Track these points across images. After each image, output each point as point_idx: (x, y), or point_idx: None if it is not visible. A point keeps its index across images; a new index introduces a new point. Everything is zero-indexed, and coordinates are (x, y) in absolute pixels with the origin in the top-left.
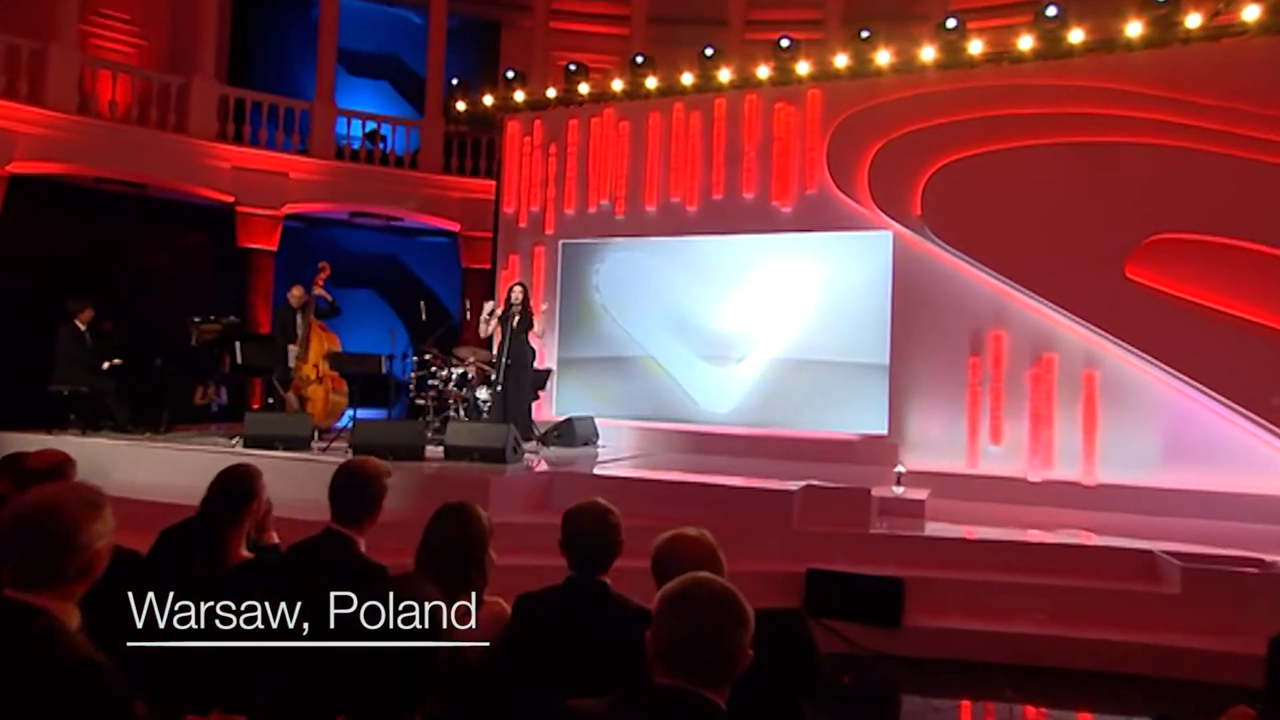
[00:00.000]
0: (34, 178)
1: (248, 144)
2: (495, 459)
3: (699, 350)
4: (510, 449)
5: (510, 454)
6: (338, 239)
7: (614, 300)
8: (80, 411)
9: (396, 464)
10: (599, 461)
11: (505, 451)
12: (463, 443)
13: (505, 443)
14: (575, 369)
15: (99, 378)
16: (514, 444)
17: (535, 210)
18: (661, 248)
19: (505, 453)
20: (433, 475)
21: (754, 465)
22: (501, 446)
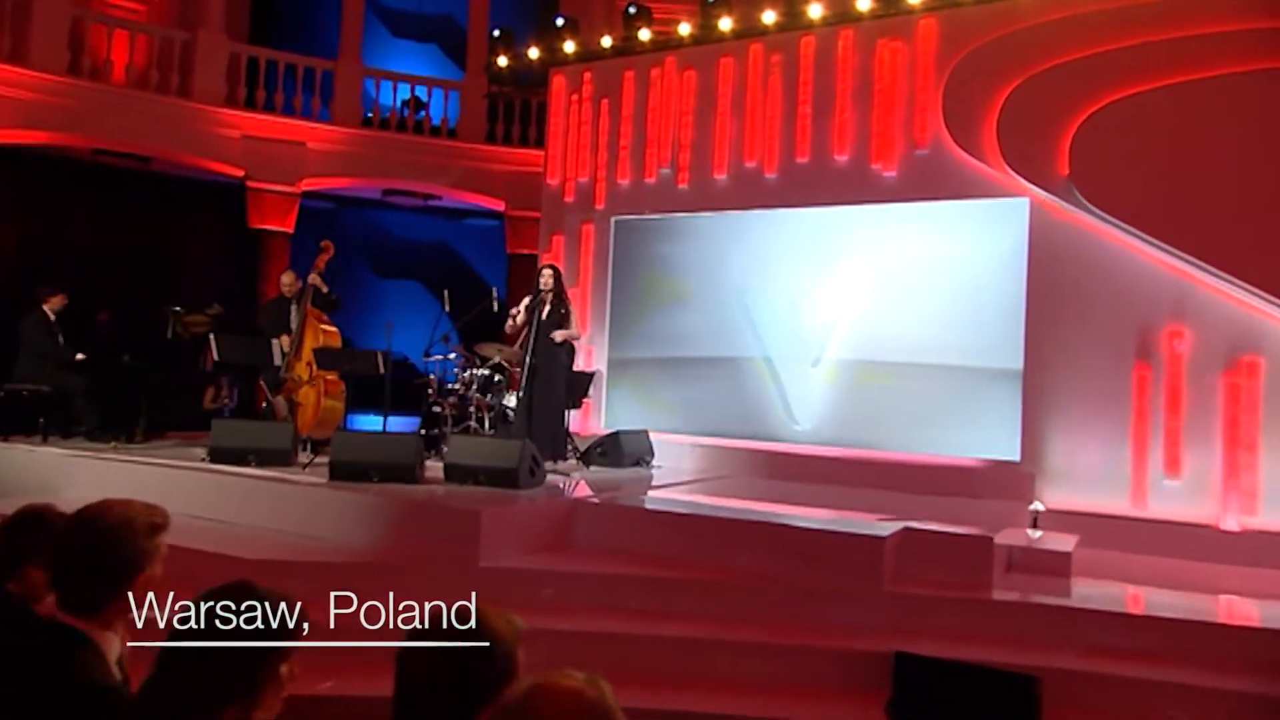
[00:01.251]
0: (17, 148)
1: (261, 109)
2: (505, 482)
3: (779, 351)
4: (526, 470)
5: (525, 477)
6: (377, 222)
7: (675, 289)
8: (45, 415)
9: (383, 486)
10: (651, 486)
11: (518, 473)
12: (465, 461)
13: (518, 462)
14: (628, 373)
15: (67, 376)
16: (531, 464)
17: (583, 181)
18: (733, 224)
19: (518, 475)
20: (409, 504)
21: (842, 497)
22: (513, 467)
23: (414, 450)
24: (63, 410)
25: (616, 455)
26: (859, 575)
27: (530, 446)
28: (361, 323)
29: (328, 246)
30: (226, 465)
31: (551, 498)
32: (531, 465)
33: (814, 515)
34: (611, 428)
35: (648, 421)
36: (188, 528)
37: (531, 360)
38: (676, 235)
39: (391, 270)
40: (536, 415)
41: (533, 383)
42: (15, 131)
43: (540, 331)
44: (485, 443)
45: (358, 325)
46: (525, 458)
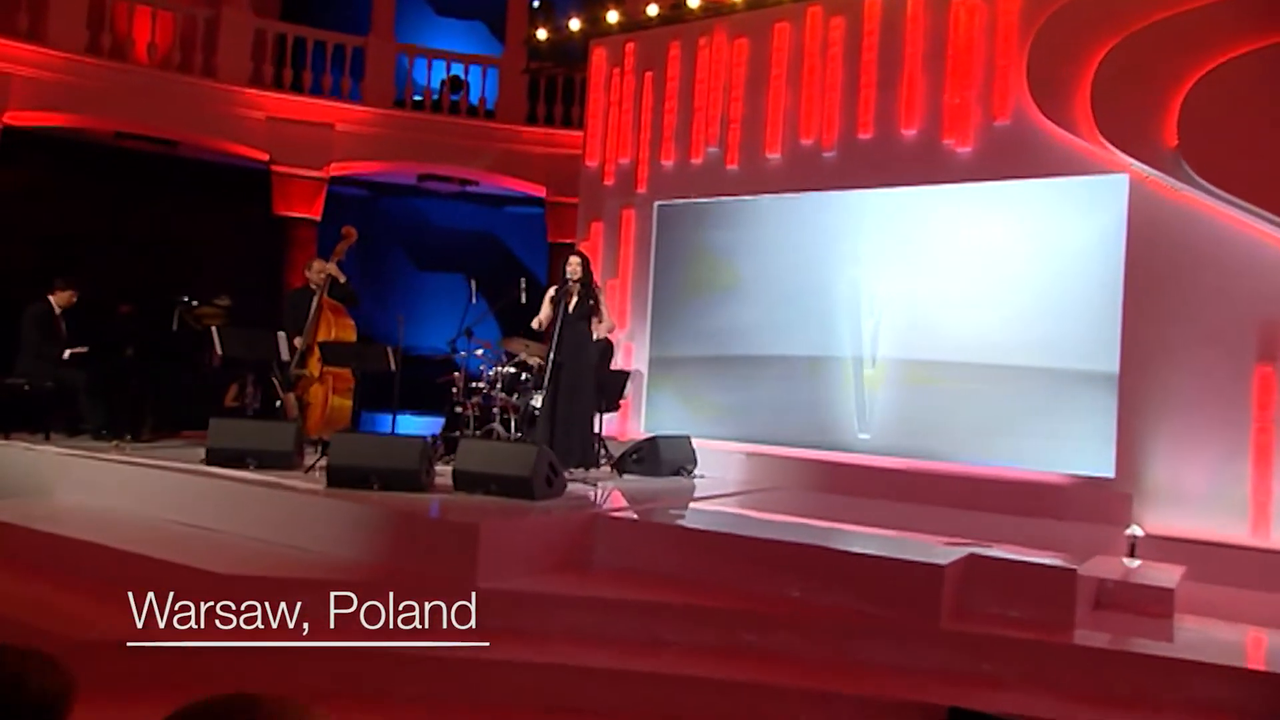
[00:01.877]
0: (36, 132)
1: (288, 89)
2: (519, 492)
3: (838, 349)
4: (542, 479)
5: (541, 486)
6: (414, 211)
7: (723, 281)
8: (51, 412)
9: (384, 495)
10: (692, 498)
11: (533, 482)
12: (474, 468)
13: (533, 470)
14: (671, 372)
15: (67, 371)
16: (548, 472)
17: (624, 163)
18: (788, 209)
19: (533, 484)
20: (403, 515)
21: (906, 515)
22: (527, 475)
23: (419, 455)
24: (67, 407)
25: (654, 463)
26: (912, 609)
27: (547, 453)
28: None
29: (349, 233)
30: (223, 468)
31: (572, 510)
32: (549, 473)
33: (869, 535)
34: (652, 433)
35: (692, 426)
36: (168, 534)
37: (556, 357)
38: (725, 221)
39: (431, 262)
40: (561, 418)
41: (558, 382)
42: (33, 113)
43: (566, 325)
44: (498, 448)
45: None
46: (541, 465)
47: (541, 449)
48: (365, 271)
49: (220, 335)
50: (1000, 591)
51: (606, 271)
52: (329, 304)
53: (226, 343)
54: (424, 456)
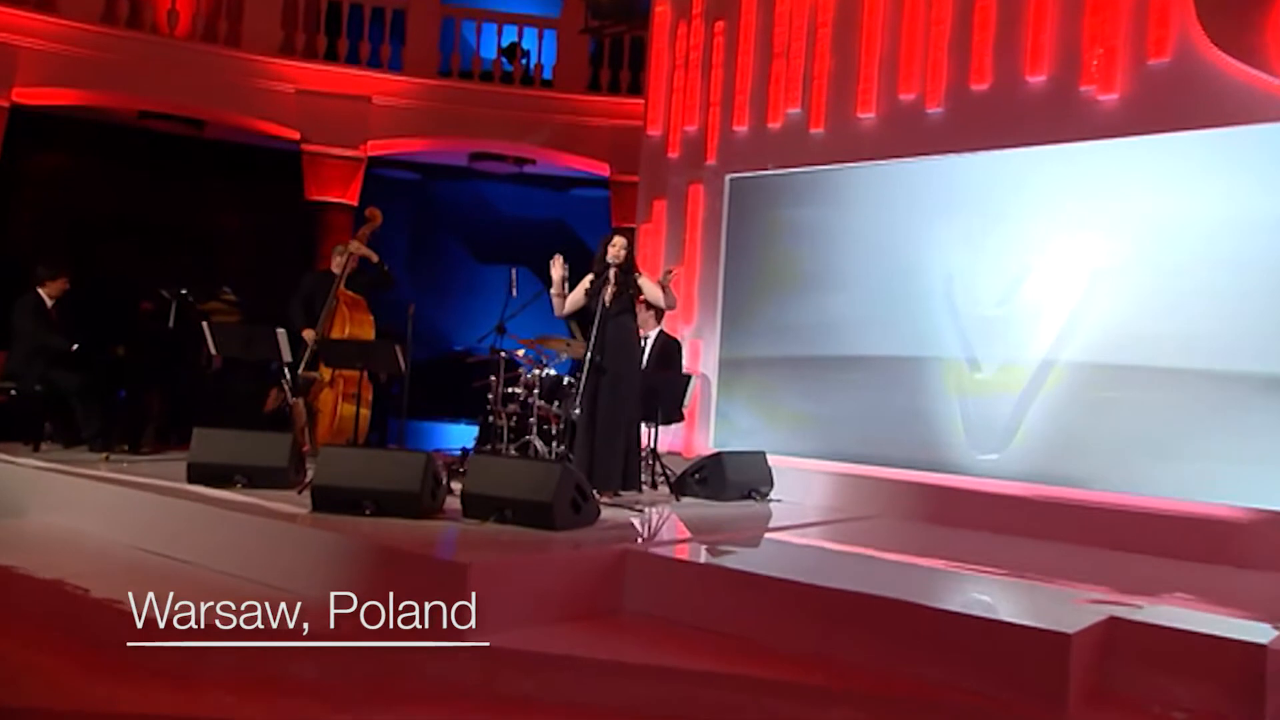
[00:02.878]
0: (55, 113)
1: (321, 58)
2: (537, 520)
3: (950, 349)
4: (567, 505)
5: (565, 513)
6: (474, 197)
7: (807, 267)
8: (49, 419)
9: (378, 522)
10: (765, 527)
11: (554, 509)
12: (486, 490)
13: (555, 494)
14: (745, 376)
15: (59, 373)
16: (575, 497)
17: (691, 131)
18: (885, 179)
19: (553, 510)
20: (380, 548)
21: (1035, 556)
22: (547, 500)
23: (420, 475)
24: (61, 414)
25: (719, 484)
26: (1030, 690)
27: (573, 473)
28: (460, 314)
29: (374, 215)
30: (207, 487)
31: (600, 543)
32: (577, 498)
33: (981, 583)
34: (720, 448)
35: (768, 441)
36: (125, 565)
37: (596, 357)
38: (809, 195)
39: (491, 253)
40: (601, 430)
41: (596, 387)
42: (43, 90)
43: (607, 320)
44: (514, 467)
45: (454, 318)
46: (566, 488)
47: (565, 469)
48: (416, 264)
49: (213, 332)
50: (1155, 669)
51: (670, 258)
52: (345, 296)
53: (220, 340)
54: (427, 476)
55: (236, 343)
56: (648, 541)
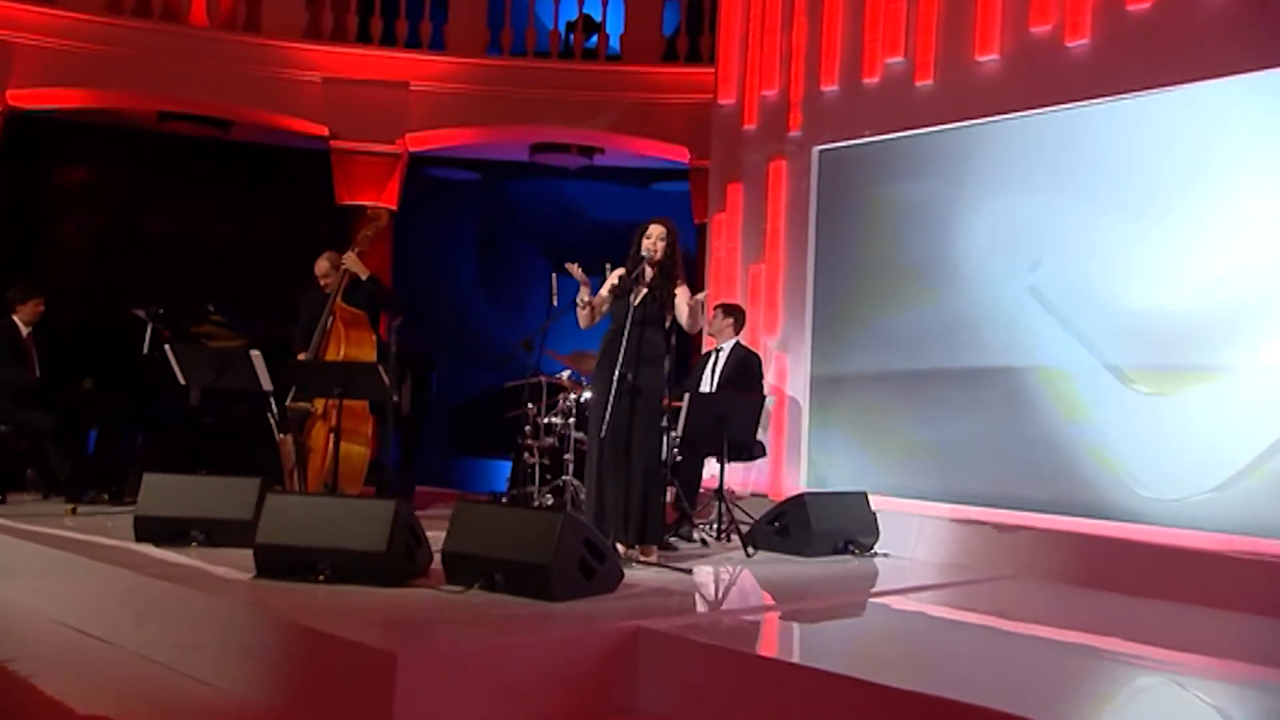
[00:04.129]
0: (55, 116)
1: (351, 40)
2: (533, 587)
3: (1106, 356)
4: (571, 567)
5: (568, 579)
6: (545, 196)
7: (918, 256)
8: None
9: (336, 591)
10: (868, 592)
11: (551, 573)
12: (472, 548)
13: (553, 554)
14: (841, 397)
15: (30, 411)
16: (584, 556)
17: (770, 96)
18: (1013, 139)
19: (551, 576)
20: (298, 630)
21: (1235, 636)
22: (544, 562)
23: (388, 530)
24: (34, 458)
25: (801, 535)
26: None
27: (582, 527)
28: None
29: (377, 215)
30: (157, 546)
31: (615, 619)
32: (587, 557)
33: (1160, 681)
34: (813, 488)
35: (874, 478)
36: (37, 649)
37: (625, 373)
38: (917, 166)
39: (570, 261)
40: (639, 463)
41: (631, 411)
42: (43, 91)
43: (635, 329)
44: (507, 518)
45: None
46: (570, 545)
47: (570, 520)
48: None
49: (177, 356)
50: None
51: (748, 255)
52: (344, 313)
53: (187, 365)
54: (399, 531)
55: (206, 368)
56: (667, 618)
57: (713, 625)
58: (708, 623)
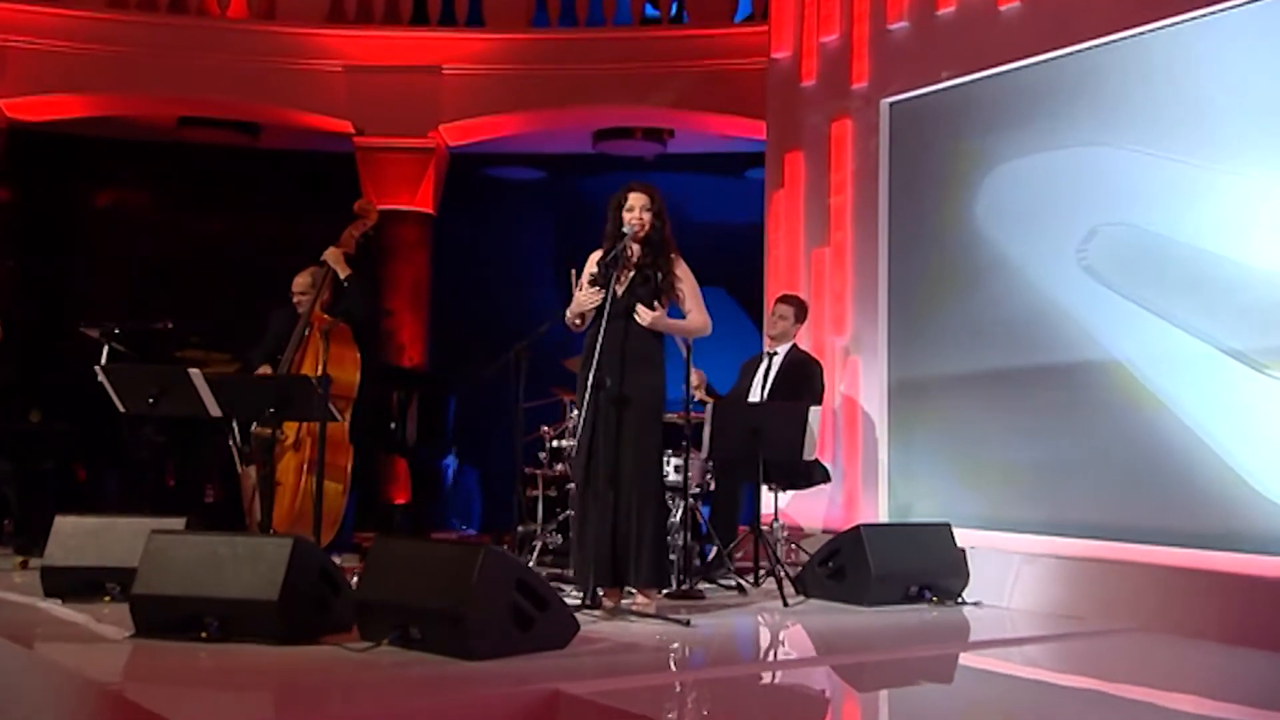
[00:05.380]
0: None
1: (378, 22)
2: (448, 642)
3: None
4: (501, 614)
5: (496, 631)
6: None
7: (1018, 228)
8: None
9: (222, 650)
10: (922, 649)
11: (467, 623)
12: (387, 594)
13: (467, 598)
14: (926, 405)
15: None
16: (518, 600)
17: (830, 43)
18: (1125, 65)
19: (466, 628)
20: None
21: None
22: (458, 611)
23: (281, 575)
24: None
25: (860, 578)
26: None
27: (504, 562)
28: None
29: (365, 210)
30: (65, 602)
31: (537, 680)
32: (521, 601)
33: None
34: (900, 519)
35: (966, 506)
36: None
37: (602, 377)
38: (1007, 113)
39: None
40: (625, 490)
41: (614, 423)
42: (49, 98)
43: (617, 320)
44: (426, 555)
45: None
46: (491, 586)
47: (489, 554)
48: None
49: (110, 378)
50: None
51: (812, 238)
52: (321, 322)
53: (122, 388)
54: (301, 575)
55: (143, 390)
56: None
57: (656, 690)
58: (652, 687)
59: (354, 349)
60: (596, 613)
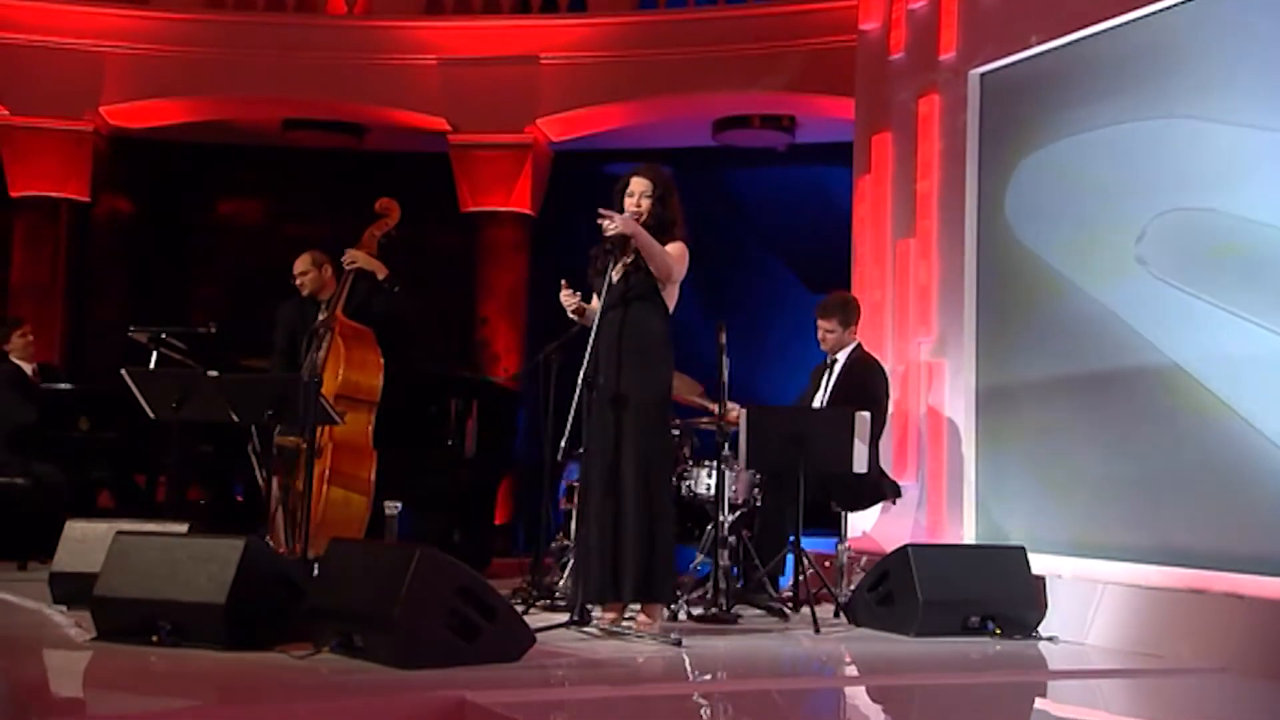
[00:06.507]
0: (155, 136)
1: (477, 12)
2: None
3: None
4: (438, 621)
5: (434, 639)
6: (767, 188)
7: (1120, 209)
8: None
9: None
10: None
11: (399, 628)
12: (334, 600)
13: (400, 606)
14: (1018, 416)
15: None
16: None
17: (919, 9)
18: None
19: (397, 634)
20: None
21: None
22: (390, 617)
23: (230, 578)
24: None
25: (907, 604)
26: None
27: (444, 564)
28: (783, 362)
29: (387, 208)
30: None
31: (450, 687)
32: (461, 608)
33: None
34: (991, 540)
35: (1057, 529)
36: None
37: (594, 376)
38: (1106, 78)
39: (829, 270)
40: (626, 497)
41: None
42: (149, 104)
43: (612, 312)
44: (370, 557)
45: (775, 368)
46: (427, 589)
47: (425, 555)
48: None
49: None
50: None
51: (899, 227)
52: (346, 328)
53: (149, 392)
54: (252, 579)
55: (167, 395)
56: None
57: (568, 704)
58: (568, 700)
59: (376, 352)
60: (593, 630)
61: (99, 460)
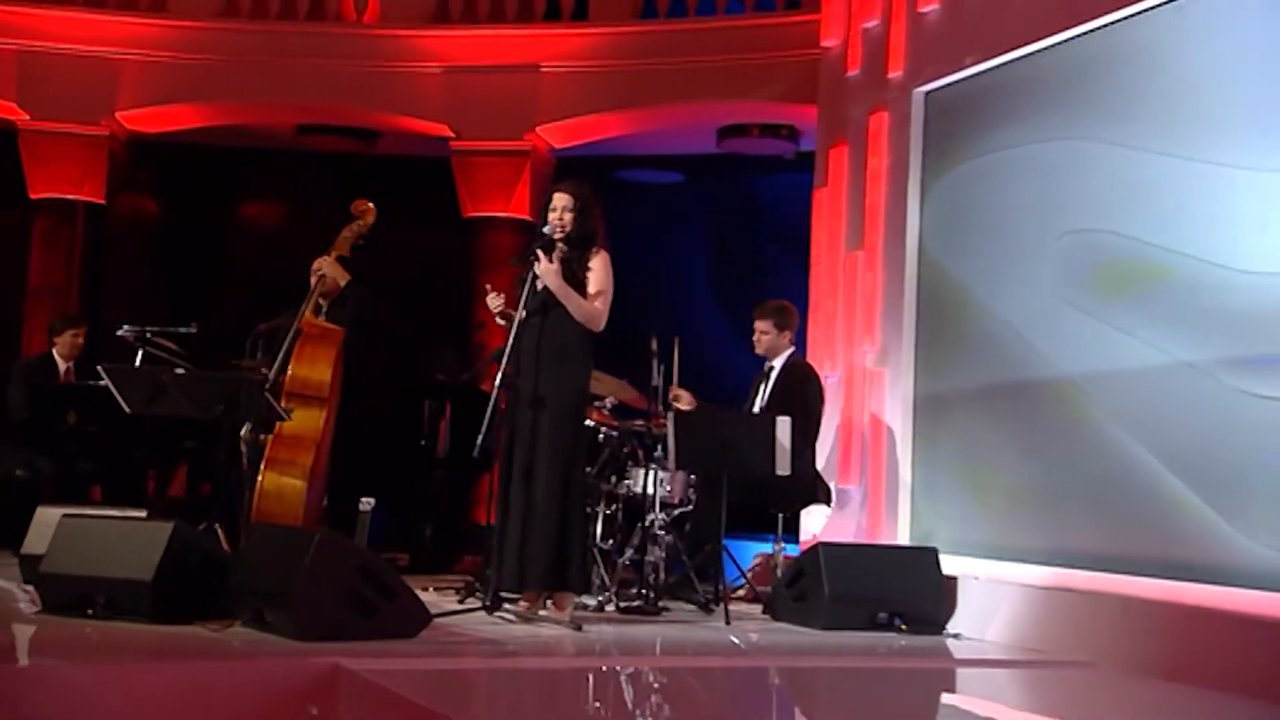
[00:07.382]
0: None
1: (483, 21)
2: (282, 624)
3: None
4: (335, 596)
5: (332, 614)
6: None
7: (1041, 221)
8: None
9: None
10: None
11: (294, 605)
12: (244, 579)
13: (301, 583)
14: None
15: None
16: (357, 589)
17: (872, 28)
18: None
19: (295, 609)
20: None
21: None
22: (288, 593)
23: (157, 556)
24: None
25: (814, 601)
26: None
27: (349, 550)
28: None
29: (362, 211)
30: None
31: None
32: (362, 589)
33: None
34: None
35: (977, 532)
36: None
37: (506, 373)
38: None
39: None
40: (538, 490)
41: (529, 425)
42: (164, 109)
43: (532, 318)
44: (278, 539)
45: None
46: (325, 572)
47: (332, 542)
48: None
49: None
50: None
51: (851, 241)
52: (314, 328)
53: (123, 386)
54: (178, 559)
55: (140, 391)
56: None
57: (439, 674)
58: (439, 670)
59: (331, 349)
60: (509, 616)
61: (88, 453)
